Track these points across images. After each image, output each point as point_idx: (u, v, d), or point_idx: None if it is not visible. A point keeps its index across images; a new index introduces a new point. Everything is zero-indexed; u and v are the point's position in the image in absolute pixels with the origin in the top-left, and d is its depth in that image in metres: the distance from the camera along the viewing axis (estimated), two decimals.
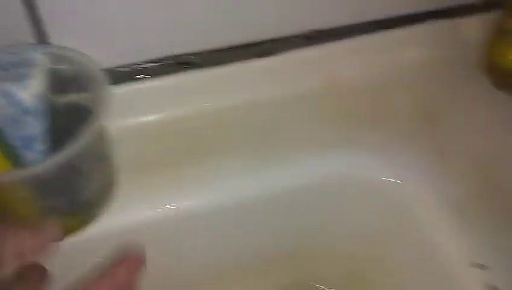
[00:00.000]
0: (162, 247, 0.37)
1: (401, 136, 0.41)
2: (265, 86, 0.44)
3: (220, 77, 0.43)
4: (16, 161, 0.32)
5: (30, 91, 0.30)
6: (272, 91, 0.44)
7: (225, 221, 0.40)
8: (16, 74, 0.31)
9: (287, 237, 0.42)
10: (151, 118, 0.42)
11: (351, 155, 0.41)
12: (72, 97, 0.33)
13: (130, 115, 0.41)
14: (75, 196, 0.31)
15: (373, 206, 0.40)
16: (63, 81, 0.33)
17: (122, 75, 0.41)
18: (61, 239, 0.27)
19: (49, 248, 0.26)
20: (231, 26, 0.42)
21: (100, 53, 0.34)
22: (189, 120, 0.42)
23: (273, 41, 0.43)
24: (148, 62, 0.41)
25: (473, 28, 0.46)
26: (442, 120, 0.43)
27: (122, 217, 0.36)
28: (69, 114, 0.33)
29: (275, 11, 0.42)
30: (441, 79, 0.46)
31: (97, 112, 0.30)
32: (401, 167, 0.40)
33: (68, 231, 0.31)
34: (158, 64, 0.41)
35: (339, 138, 0.41)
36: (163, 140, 0.41)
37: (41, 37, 0.36)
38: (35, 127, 0.31)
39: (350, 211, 0.41)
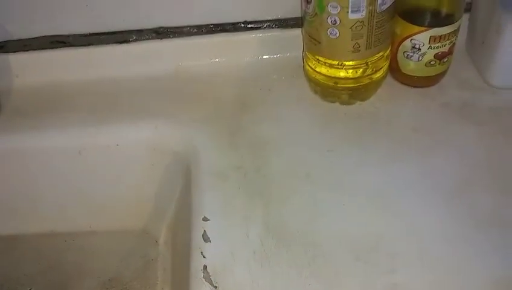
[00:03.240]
0: None
1: (214, 116, 0.50)
2: (123, 67, 0.55)
3: (88, 55, 0.55)
4: None
5: None
6: (128, 72, 0.55)
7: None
8: None
9: None
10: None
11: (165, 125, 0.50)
12: None
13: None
14: None
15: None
16: None
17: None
18: None
19: None
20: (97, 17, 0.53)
21: None
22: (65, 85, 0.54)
23: (129, 32, 0.54)
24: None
25: None
26: (251, 111, 0.51)
27: None
28: None
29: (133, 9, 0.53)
30: (268, 79, 0.53)
31: None
32: (197, 139, 0.48)
33: None
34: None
35: (165, 114, 0.51)
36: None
37: None
38: None
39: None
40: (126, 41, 0.55)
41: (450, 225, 0.39)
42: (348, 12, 0.41)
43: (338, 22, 0.42)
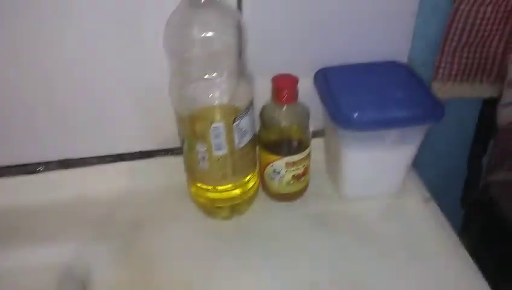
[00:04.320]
0: None
1: (110, 236, 0.57)
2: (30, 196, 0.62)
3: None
4: None
5: None
6: (36, 200, 0.62)
7: None
8: None
9: None
10: None
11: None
12: None
13: None
14: None
15: None
16: None
17: None
18: None
19: None
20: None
21: None
22: None
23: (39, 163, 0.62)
24: None
25: None
26: (144, 230, 0.59)
27: None
28: None
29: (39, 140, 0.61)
30: (160, 201, 0.62)
31: None
32: (93, 258, 0.55)
33: None
34: None
35: (66, 237, 0.57)
36: None
37: None
38: None
39: None
40: (34, 171, 0.62)
41: None
42: (212, 150, 0.52)
43: (206, 157, 0.53)
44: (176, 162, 0.63)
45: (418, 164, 0.63)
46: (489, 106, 0.69)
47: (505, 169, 0.74)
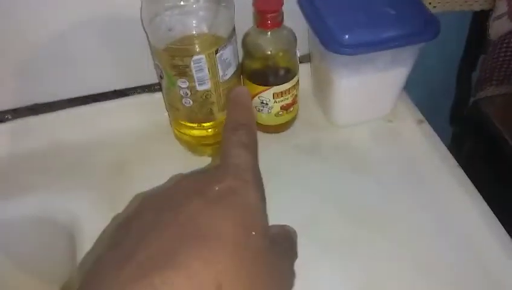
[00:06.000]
0: None
1: (92, 183, 0.54)
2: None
3: None
4: None
5: None
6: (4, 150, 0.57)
7: None
8: None
9: None
10: None
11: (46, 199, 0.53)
12: None
13: None
14: None
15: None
16: None
17: None
18: None
19: None
20: None
21: None
22: None
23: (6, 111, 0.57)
24: None
25: None
26: (127, 173, 0.55)
27: None
28: None
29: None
30: (141, 141, 0.59)
31: None
32: (78, 208, 0.52)
33: None
34: None
35: (44, 187, 0.54)
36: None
37: None
38: None
39: None
40: (2, 120, 0.57)
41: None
42: (195, 85, 0.48)
43: (189, 94, 0.49)
44: (155, 100, 0.59)
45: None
46: (480, 19, 0.66)
47: (493, 83, 0.72)
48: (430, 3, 0.61)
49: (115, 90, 0.60)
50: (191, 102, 0.49)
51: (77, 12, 0.52)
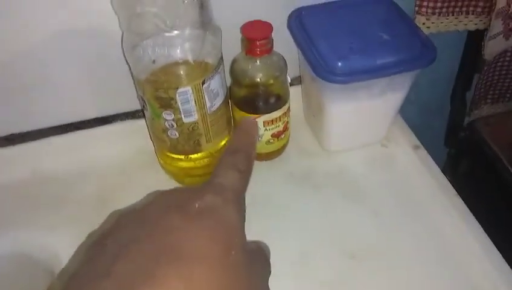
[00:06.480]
0: None
1: (75, 218, 0.51)
2: None
3: None
4: None
5: None
6: None
7: None
8: None
9: None
10: None
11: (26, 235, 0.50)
12: None
13: None
14: None
15: None
16: None
17: None
18: None
19: None
20: None
21: None
22: None
23: None
24: None
25: None
26: (112, 205, 0.52)
27: None
28: None
29: None
30: (125, 170, 0.56)
31: None
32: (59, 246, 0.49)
33: None
34: None
35: (24, 222, 0.51)
36: None
37: None
38: None
39: None
40: None
41: None
42: (181, 117, 0.45)
43: (175, 126, 0.46)
44: (139, 126, 0.56)
45: None
46: (475, 39, 0.64)
47: (488, 102, 0.70)
48: (423, 23, 0.59)
49: (97, 118, 0.57)
50: (177, 134, 0.47)
51: (57, 38, 0.49)
